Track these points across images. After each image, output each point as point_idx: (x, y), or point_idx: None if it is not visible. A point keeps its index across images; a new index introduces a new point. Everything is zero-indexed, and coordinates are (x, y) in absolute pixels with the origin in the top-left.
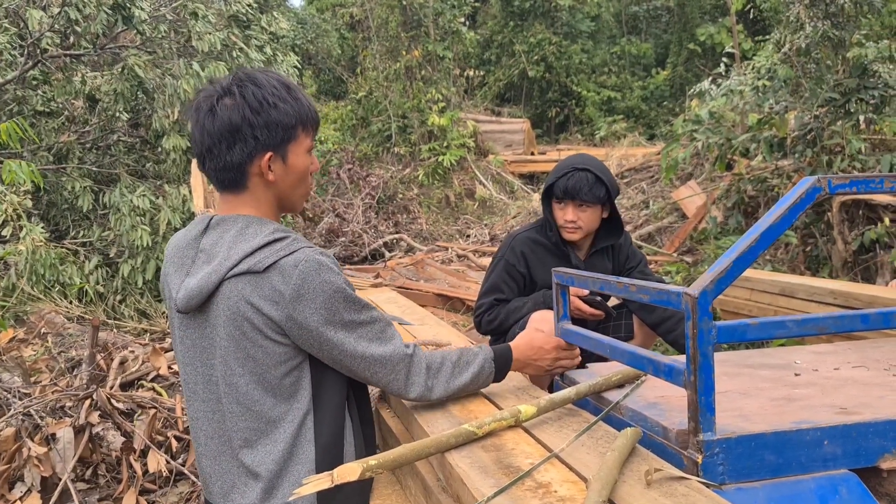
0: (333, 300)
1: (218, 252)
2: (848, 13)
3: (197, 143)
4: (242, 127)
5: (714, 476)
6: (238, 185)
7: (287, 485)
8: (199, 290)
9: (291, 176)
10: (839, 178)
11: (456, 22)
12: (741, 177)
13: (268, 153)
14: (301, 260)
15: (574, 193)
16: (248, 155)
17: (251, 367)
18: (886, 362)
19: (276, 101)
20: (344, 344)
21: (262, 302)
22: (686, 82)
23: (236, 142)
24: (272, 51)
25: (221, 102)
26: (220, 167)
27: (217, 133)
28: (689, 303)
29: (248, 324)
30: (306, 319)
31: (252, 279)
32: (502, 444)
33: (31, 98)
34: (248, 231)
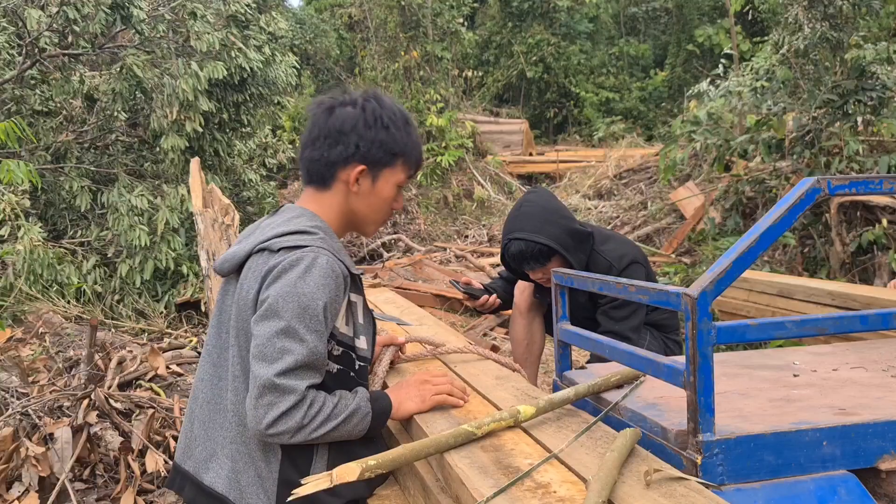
0: (299, 300)
1: (263, 231)
2: (846, 15)
3: (306, 132)
4: (350, 133)
5: (713, 477)
6: (323, 183)
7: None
8: (232, 256)
9: (373, 198)
10: (839, 180)
11: (454, 22)
12: (739, 178)
13: (361, 166)
14: (307, 254)
15: (519, 264)
16: (344, 159)
17: (243, 341)
18: (885, 363)
19: (390, 124)
20: (270, 339)
21: (259, 277)
22: (684, 83)
23: (339, 143)
24: (271, 51)
25: (343, 107)
26: (316, 158)
27: (327, 129)
28: (688, 303)
29: (247, 296)
30: (269, 295)
31: (265, 256)
32: (501, 444)
33: (29, 97)
34: (294, 219)
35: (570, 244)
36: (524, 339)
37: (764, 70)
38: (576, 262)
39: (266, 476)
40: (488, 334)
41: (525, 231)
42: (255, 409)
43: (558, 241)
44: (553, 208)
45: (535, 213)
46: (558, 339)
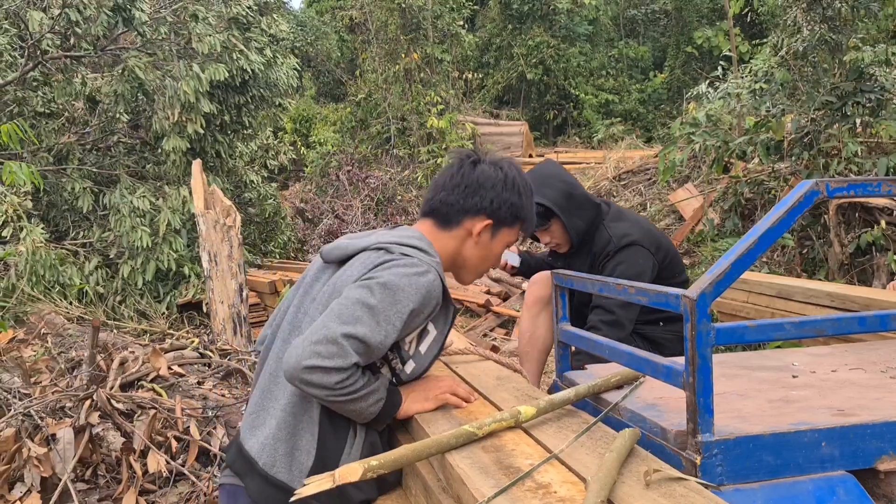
0: (396, 292)
1: (383, 237)
2: (845, 17)
3: (447, 177)
4: (490, 190)
5: (712, 477)
6: (446, 224)
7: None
8: (344, 248)
9: (485, 251)
10: (837, 182)
11: (455, 25)
12: (738, 179)
13: (489, 220)
14: (422, 264)
15: None
16: (476, 210)
17: None
18: (883, 364)
19: (523, 192)
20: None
21: (368, 265)
22: (683, 85)
23: (476, 195)
24: (272, 53)
25: (488, 166)
26: (451, 203)
27: (469, 180)
28: (687, 305)
29: (347, 280)
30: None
31: (382, 253)
32: (502, 444)
33: (31, 99)
34: (415, 238)
35: (566, 206)
36: (526, 332)
37: (763, 72)
38: (571, 225)
39: (304, 451)
40: (488, 335)
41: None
42: (303, 348)
43: (552, 201)
44: (553, 173)
45: (534, 178)
46: (558, 339)
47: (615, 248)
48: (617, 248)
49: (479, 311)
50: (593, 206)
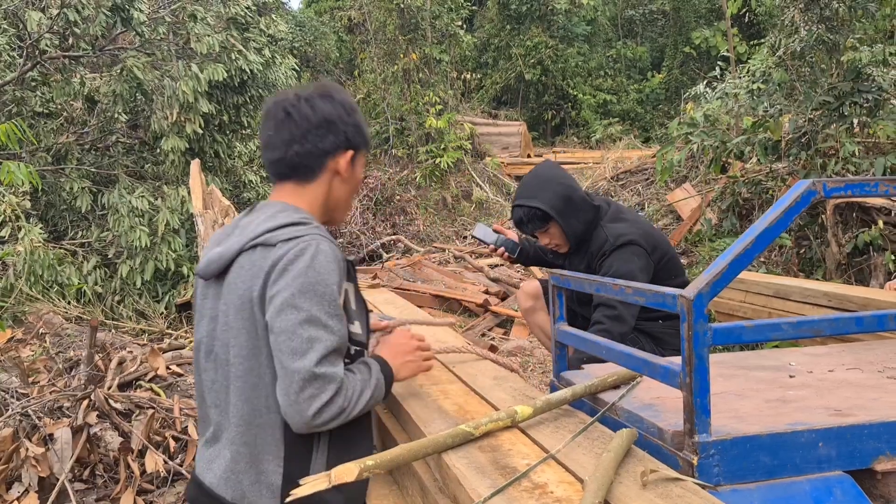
0: (313, 287)
1: (249, 228)
2: (842, 17)
3: (290, 127)
4: (338, 122)
5: (709, 477)
6: (309, 175)
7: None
8: (219, 257)
9: (352, 183)
10: (834, 182)
11: (453, 25)
12: (736, 179)
13: (350, 151)
14: (308, 241)
15: (520, 229)
16: (335, 147)
17: (244, 339)
18: (880, 364)
19: (355, 109)
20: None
21: (260, 274)
22: (681, 85)
23: (330, 133)
24: (270, 53)
25: (317, 100)
26: (308, 151)
27: (316, 121)
28: (684, 305)
29: (247, 294)
30: (279, 289)
31: (263, 251)
32: (499, 444)
33: (29, 99)
34: (280, 213)
35: (562, 209)
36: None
37: (760, 72)
38: (568, 227)
39: (270, 472)
40: (486, 334)
41: (522, 198)
42: (297, 404)
43: (550, 205)
44: (550, 176)
45: (532, 181)
46: (555, 339)
47: (611, 247)
48: (613, 247)
49: (478, 311)
50: (591, 207)
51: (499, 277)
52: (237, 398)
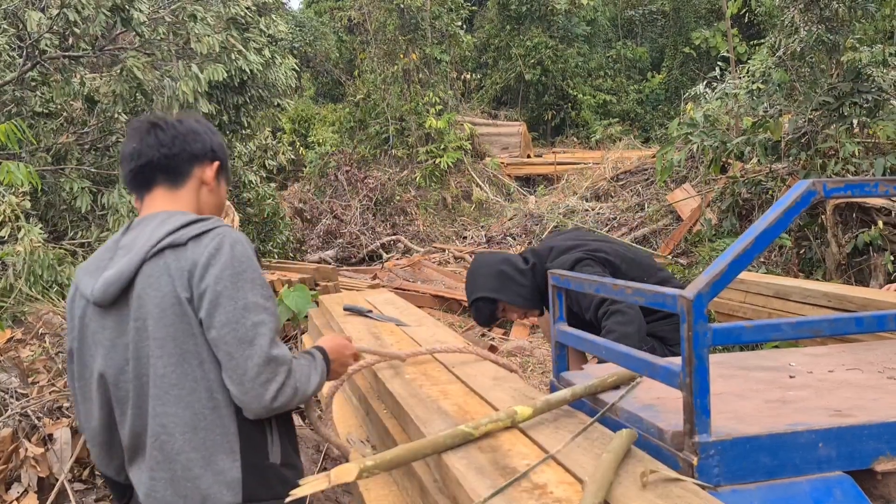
0: (244, 273)
1: (138, 242)
2: (842, 17)
3: (158, 135)
4: (204, 134)
5: (709, 478)
6: (178, 179)
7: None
8: (119, 275)
9: (219, 197)
10: (834, 182)
11: (453, 25)
12: (736, 179)
13: (217, 162)
14: (219, 233)
15: (489, 324)
16: (203, 154)
17: (171, 348)
18: (880, 365)
19: (218, 132)
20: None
21: (177, 275)
22: (681, 86)
23: (198, 141)
24: (270, 53)
25: (181, 118)
26: (176, 153)
27: (183, 131)
28: (684, 305)
29: (168, 299)
30: (211, 283)
31: (173, 253)
32: (499, 445)
33: (29, 99)
34: (170, 219)
35: (499, 286)
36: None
37: (760, 72)
38: (510, 299)
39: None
40: (486, 334)
41: (468, 298)
42: (254, 390)
43: (486, 289)
44: (477, 266)
45: (468, 281)
46: (555, 340)
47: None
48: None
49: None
50: (529, 270)
51: None
52: (176, 407)
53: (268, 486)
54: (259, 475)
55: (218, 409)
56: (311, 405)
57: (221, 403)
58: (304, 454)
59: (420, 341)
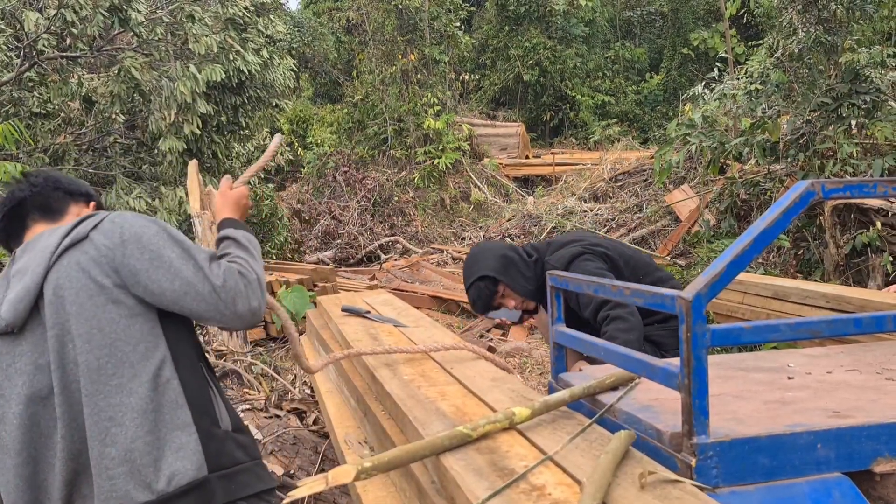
0: (157, 235)
1: (33, 260)
2: (840, 19)
3: (30, 179)
4: (73, 182)
5: (708, 479)
6: (54, 217)
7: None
8: (26, 291)
9: None
10: (832, 183)
11: (451, 26)
12: (734, 180)
13: (93, 202)
14: (116, 215)
15: (481, 310)
16: (78, 194)
17: (99, 340)
18: (879, 365)
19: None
20: (182, 270)
21: (92, 265)
22: (679, 86)
23: (70, 182)
24: (269, 54)
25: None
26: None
27: (54, 175)
28: (683, 306)
29: (85, 292)
30: (136, 260)
31: (78, 248)
32: (497, 446)
33: (27, 100)
34: (58, 230)
35: (503, 269)
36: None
37: (758, 73)
38: (516, 284)
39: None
40: (485, 335)
41: (466, 280)
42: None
43: (490, 269)
44: (482, 250)
45: (469, 262)
46: (553, 341)
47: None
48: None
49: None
50: (525, 260)
51: None
52: (120, 396)
53: (228, 453)
54: (217, 443)
55: (163, 387)
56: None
57: (165, 380)
58: (302, 455)
59: (418, 342)
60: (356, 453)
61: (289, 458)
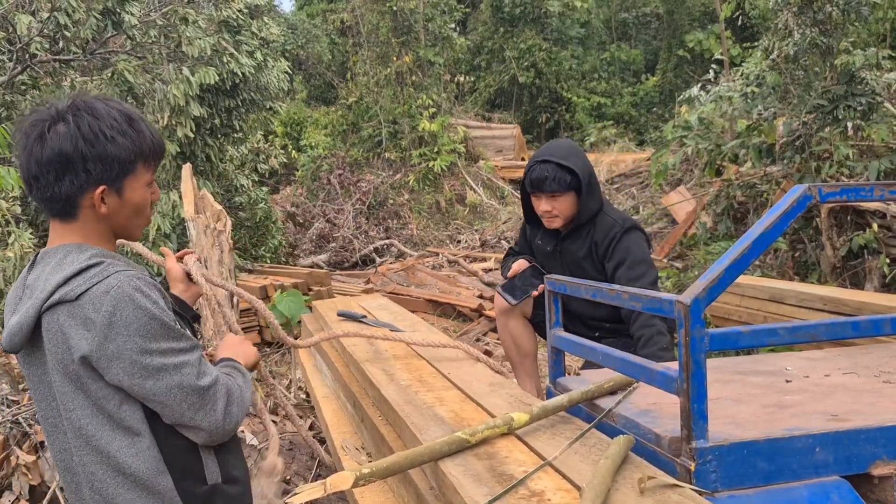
0: (149, 326)
1: (38, 286)
2: (836, 21)
3: (23, 169)
4: (74, 158)
5: (707, 483)
6: (67, 216)
7: None
8: (20, 327)
9: (127, 209)
10: (829, 187)
11: (446, 28)
12: (730, 182)
13: (101, 187)
14: (113, 286)
15: (538, 186)
16: (78, 188)
17: (81, 401)
18: (876, 368)
19: (114, 134)
20: (161, 372)
21: (73, 332)
22: (675, 88)
23: (66, 173)
24: (262, 56)
25: (53, 129)
26: (48, 197)
27: (45, 161)
28: (681, 311)
29: (67, 354)
30: (118, 348)
31: (66, 309)
32: (495, 451)
33: (19, 103)
34: (66, 260)
35: (588, 184)
36: (506, 342)
37: (754, 75)
38: (585, 206)
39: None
40: (481, 339)
41: (554, 157)
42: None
43: (581, 173)
44: (579, 150)
45: (563, 146)
46: (551, 345)
47: (621, 229)
48: (623, 229)
49: (472, 316)
50: (600, 194)
51: (493, 282)
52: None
53: None
54: (200, 501)
55: (142, 451)
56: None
57: (144, 443)
58: (298, 461)
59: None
60: (353, 459)
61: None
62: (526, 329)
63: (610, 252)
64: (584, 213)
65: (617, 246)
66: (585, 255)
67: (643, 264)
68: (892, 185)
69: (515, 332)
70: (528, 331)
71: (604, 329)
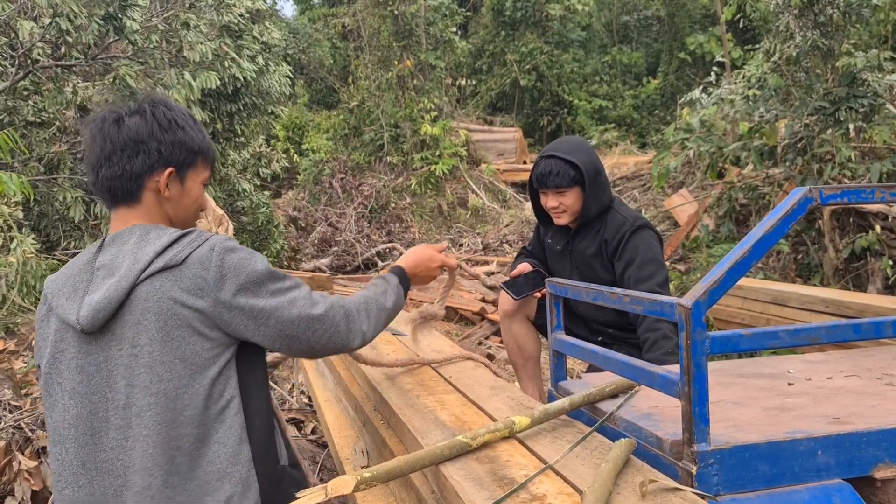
0: (257, 273)
1: (121, 263)
2: (837, 23)
3: (96, 150)
4: (148, 140)
5: (709, 487)
6: (131, 197)
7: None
8: (108, 301)
9: (186, 199)
10: (831, 189)
11: (447, 31)
12: (732, 185)
13: (169, 169)
14: (215, 244)
15: (543, 182)
16: (149, 167)
17: (179, 369)
18: (879, 371)
19: (184, 124)
20: (279, 309)
21: (185, 295)
22: (677, 91)
23: (139, 152)
24: (264, 60)
25: (130, 118)
26: (117, 175)
27: (121, 142)
28: (682, 314)
29: (174, 320)
30: (234, 297)
31: (171, 274)
32: (497, 455)
33: (21, 108)
34: (149, 235)
35: (593, 178)
36: (509, 345)
37: (756, 78)
38: (592, 200)
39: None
40: (483, 342)
41: (560, 152)
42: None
43: (585, 168)
44: (586, 146)
45: (569, 142)
46: (552, 348)
47: (631, 227)
48: (633, 227)
49: (474, 319)
50: (609, 190)
51: (495, 285)
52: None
53: (283, 491)
54: (275, 481)
55: (230, 418)
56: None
57: (232, 410)
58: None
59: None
60: (355, 463)
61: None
62: (529, 332)
63: (619, 251)
64: (590, 208)
65: (626, 245)
66: (595, 253)
67: (652, 264)
68: (894, 188)
69: (519, 335)
70: (532, 334)
71: (607, 335)
